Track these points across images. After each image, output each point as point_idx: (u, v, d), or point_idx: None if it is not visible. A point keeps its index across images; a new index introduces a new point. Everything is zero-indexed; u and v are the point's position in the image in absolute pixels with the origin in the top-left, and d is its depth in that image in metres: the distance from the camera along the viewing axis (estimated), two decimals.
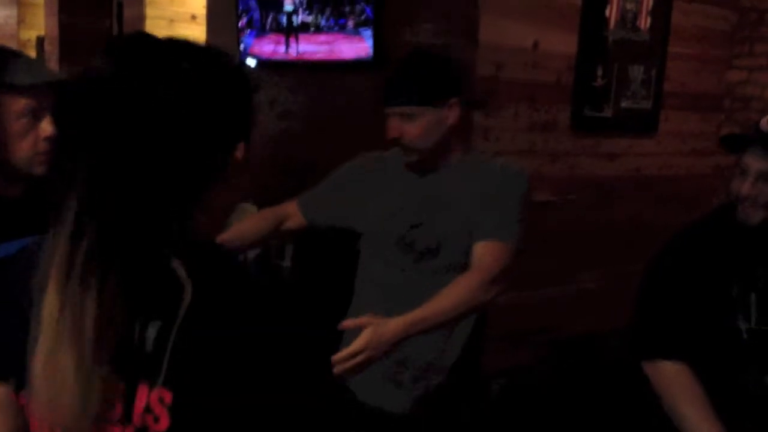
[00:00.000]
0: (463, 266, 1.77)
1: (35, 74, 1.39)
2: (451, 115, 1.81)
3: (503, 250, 1.75)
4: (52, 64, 5.74)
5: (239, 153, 0.86)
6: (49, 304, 0.76)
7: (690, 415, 1.58)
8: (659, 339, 1.67)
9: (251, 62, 3.65)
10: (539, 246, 2.95)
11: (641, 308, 1.75)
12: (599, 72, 2.99)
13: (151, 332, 0.78)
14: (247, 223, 2.01)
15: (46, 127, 1.40)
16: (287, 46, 3.42)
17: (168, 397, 0.78)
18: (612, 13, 2.98)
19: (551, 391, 2.96)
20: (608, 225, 3.19)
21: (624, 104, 3.12)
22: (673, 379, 1.63)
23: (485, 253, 1.73)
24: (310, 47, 3.30)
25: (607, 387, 2.96)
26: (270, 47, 3.53)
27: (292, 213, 2.01)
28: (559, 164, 2.97)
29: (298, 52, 3.37)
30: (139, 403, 0.79)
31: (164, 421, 0.78)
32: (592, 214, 3.13)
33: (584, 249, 3.11)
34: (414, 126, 1.78)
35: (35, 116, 1.39)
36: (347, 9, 3.10)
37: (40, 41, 7.12)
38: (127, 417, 0.79)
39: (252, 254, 2.85)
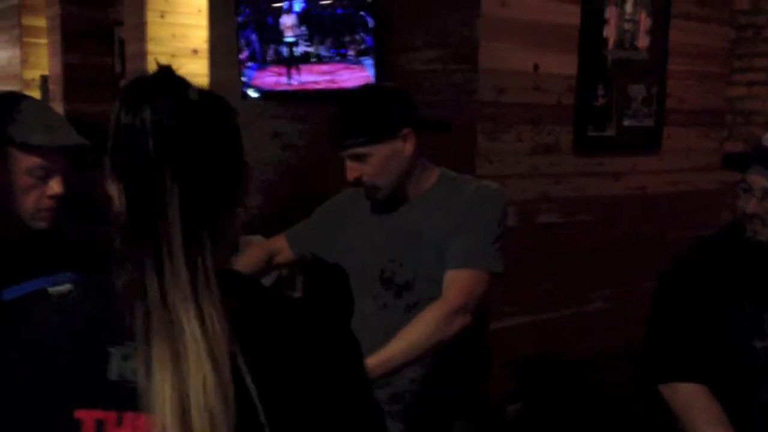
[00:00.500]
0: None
1: (51, 136, 1.38)
2: (407, 145, 1.73)
3: (472, 278, 1.67)
4: (56, 103, 5.80)
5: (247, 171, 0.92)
6: (188, 326, 0.78)
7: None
8: (673, 360, 1.65)
9: (253, 94, 3.68)
10: (546, 267, 2.95)
11: (652, 329, 1.73)
12: (600, 92, 3.00)
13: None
14: (239, 261, 1.98)
15: (54, 186, 1.40)
16: (289, 77, 3.45)
17: None
18: (610, 33, 3.00)
19: (567, 413, 2.93)
20: (615, 244, 3.19)
21: (626, 123, 3.13)
22: (691, 401, 1.60)
23: (451, 284, 1.66)
24: (312, 77, 3.33)
25: (620, 408, 2.93)
26: (272, 79, 3.56)
27: (281, 248, 2.01)
28: (564, 185, 2.98)
29: (299, 83, 3.40)
30: None
31: None
32: (599, 234, 3.12)
33: (592, 269, 3.11)
34: (370, 165, 1.72)
35: (44, 175, 1.39)
36: (347, 38, 3.13)
37: (43, 80, 7.19)
38: None
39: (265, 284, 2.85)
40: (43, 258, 1.43)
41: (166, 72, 0.85)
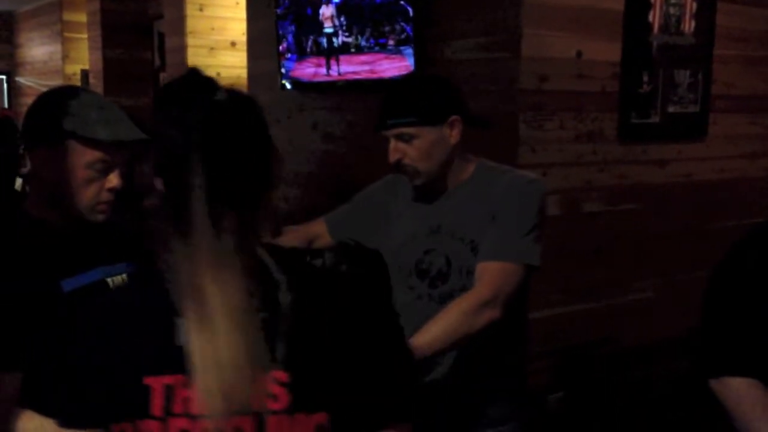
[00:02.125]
0: None
1: (113, 131, 1.39)
2: (453, 133, 1.73)
3: (502, 270, 1.65)
4: None
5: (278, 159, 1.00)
6: (212, 296, 0.87)
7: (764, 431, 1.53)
8: (726, 355, 1.61)
9: (292, 86, 3.69)
10: (591, 256, 2.92)
11: (705, 323, 1.69)
12: (645, 78, 2.95)
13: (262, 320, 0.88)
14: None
15: (113, 179, 1.41)
16: (328, 67, 3.46)
17: (284, 376, 0.88)
18: (655, 18, 2.94)
19: (608, 404, 2.91)
20: (661, 232, 3.14)
21: (671, 109, 3.07)
22: (743, 396, 1.57)
23: (482, 276, 1.65)
24: (351, 68, 3.33)
25: (664, 399, 2.90)
26: (311, 70, 3.57)
27: (321, 232, 2.01)
28: (608, 173, 2.93)
29: (339, 73, 3.40)
30: (260, 387, 0.88)
31: (284, 399, 0.88)
32: (644, 222, 3.08)
33: (637, 258, 3.06)
34: (415, 147, 1.70)
35: (105, 169, 1.40)
36: (387, 28, 3.11)
37: (84, 75, 7.31)
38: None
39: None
40: (99, 249, 1.46)
41: (194, 74, 0.94)
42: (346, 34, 3.32)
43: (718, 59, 3.22)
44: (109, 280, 1.44)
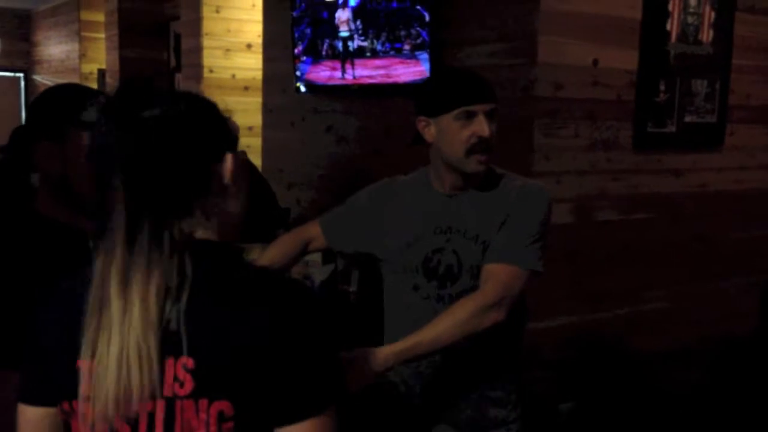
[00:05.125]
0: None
1: None
2: None
3: (510, 273, 1.65)
4: None
5: (228, 164, 1.02)
6: (116, 298, 0.94)
7: None
8: None
9: (307, 88, 3.70)
10: (603, 265, 2.90)
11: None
12: (661, 87, 2.93)
13: (173, 313, 0.94)
14: (274, 250, 1.98)
15: None
16: (343, 71, 3.46)
17: (190, 363, 0.93)
18: (673, 27, 2.92)
19: (619, 414, 2.89)
20: (674, 243, 3.11)
21: (688, 119, 3.05)
22: None
23: (489, 278, 1.65)
24: (366, 72, 3.33)
25: (677, 410, 2.88)
26: (326, 73, 3.57)
27: (315, 235, 1.99)
28: (622, 182, 2.92)
29: (354, 77, 3.40)
30: (169, 375, 0.93)
31: (188, 385, 0.93)
32: (657, 232, 3.06)
33: (649, 268, 3.04)
34: (494, 127, 1.69)
35: None
36: (403, 33, 3.11)
37: (101, 74, 7.35)
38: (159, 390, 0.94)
39: (318, 280, 2.86)
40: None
41: (131, 90, 1.01)
42: (362, 38, 3.32)
43: (736, 69, 3.20)
44: None
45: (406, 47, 3.11)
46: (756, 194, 3.41)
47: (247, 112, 4.56)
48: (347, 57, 3.41)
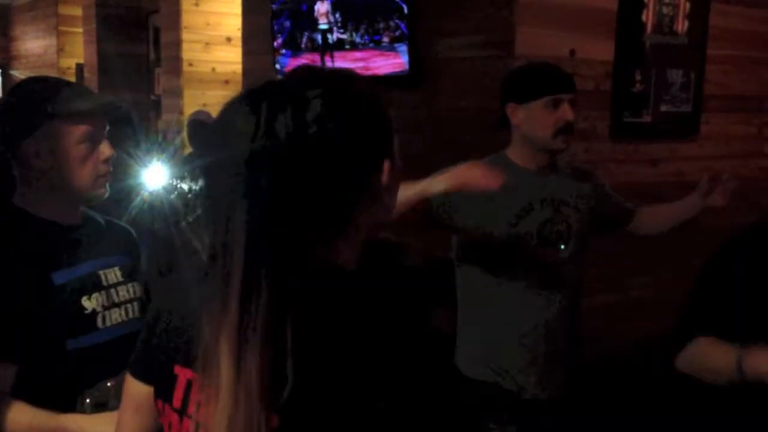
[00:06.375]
0: (582, 257, 2.10)
1: (89, 100, 1.42)
2: None
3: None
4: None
5: (385, 174, 0.86)
6: (227, 368, 0.77)
7: (713, 356, 1.52)
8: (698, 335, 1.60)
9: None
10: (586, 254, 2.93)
11: (684, 315, 1.69)
12: (638, 77, 2.96)
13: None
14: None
15: (105, 149, 1.43)
16: (322, 64, 3.46)
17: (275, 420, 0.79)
18: (648, 17, 2.96)
19: (597, 402, 2.92)
20: None
21: (664, 108, 3.09)
22: (691, 348, 1.58)
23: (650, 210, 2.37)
24: (345, 64, 3.33)
25: (649, 397, 2.91)
26: None
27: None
28: (600, 171, 2.92)
29: None
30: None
31: None
32: None
33: (628, 256, 3.08)
34: (575, 112, 1.98)
35: (93, 141, 1.41)
36: (381, 25, 3.12)
37: (79, 69, 7.29)
38: None
39: None
40: (92, 243, 1.46)
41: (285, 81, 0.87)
42: (341, 30, 3.33)
43: (712, 59, 3.23)
44: (101, 273, 1.45)
45: (385, 39, 3.12)
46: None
47: None
48: (326, 50, 3.42)
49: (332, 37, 3.37)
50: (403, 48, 3.04)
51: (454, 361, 2.15)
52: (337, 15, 3.33)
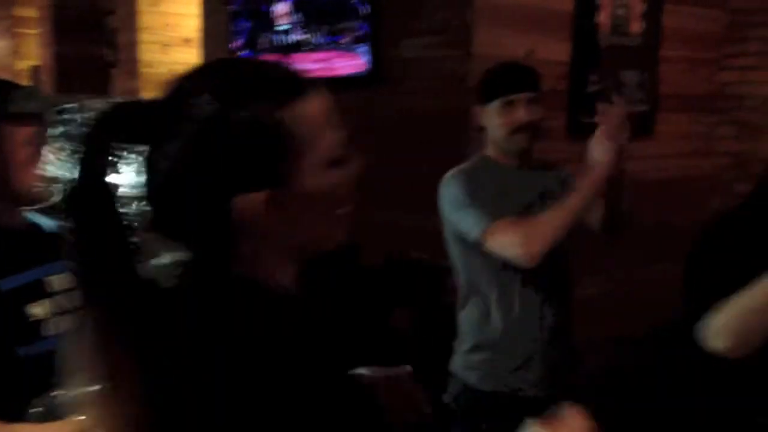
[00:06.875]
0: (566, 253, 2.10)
1: (37, 102, 1.39)
2: None
3: None
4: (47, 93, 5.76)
5: (259, 203, 0.79)
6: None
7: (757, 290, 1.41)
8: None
9: None
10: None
11: (690, 297, 1.64)
12: (593, 78, 3.01)
13: None
14: None
15: None
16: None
17: None
18: (603, 18, 3.00)
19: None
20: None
21: None
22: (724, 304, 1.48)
23: None
24: (305, 65, 3.32)
25: (604, 394, 2.95)
26: None
27: None
28: None
29: None
30: None
31: None
32: None
33: (583, 255, 3.11)
34: (540, 110, 1.98)
35: (40, 143, 1.39)
36: (342, 26, 3.12)
37: (34, 71, 7.15)
38: None
39: None
40: (36, 249, 1.43)
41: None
42: (301, 31, 3.32)
43: (665, 59, 3.30)
44: (47, 279, 1.41)
45: (345, 40, 3.12)
46: (685, 181, 3.52)
47: None
48: (286, 50, 3.41)
49: (292, 38, 3.36)
50: (363, 49, 3.05)
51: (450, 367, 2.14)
52: (298, 15, 3.32)
